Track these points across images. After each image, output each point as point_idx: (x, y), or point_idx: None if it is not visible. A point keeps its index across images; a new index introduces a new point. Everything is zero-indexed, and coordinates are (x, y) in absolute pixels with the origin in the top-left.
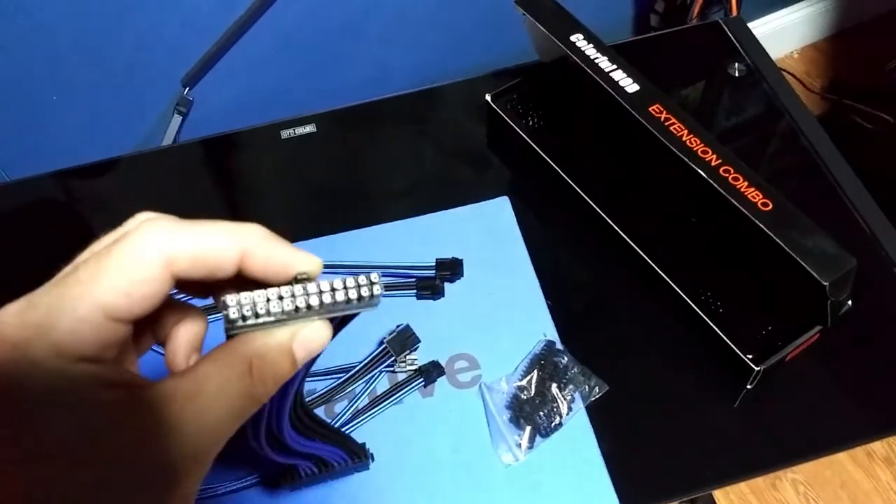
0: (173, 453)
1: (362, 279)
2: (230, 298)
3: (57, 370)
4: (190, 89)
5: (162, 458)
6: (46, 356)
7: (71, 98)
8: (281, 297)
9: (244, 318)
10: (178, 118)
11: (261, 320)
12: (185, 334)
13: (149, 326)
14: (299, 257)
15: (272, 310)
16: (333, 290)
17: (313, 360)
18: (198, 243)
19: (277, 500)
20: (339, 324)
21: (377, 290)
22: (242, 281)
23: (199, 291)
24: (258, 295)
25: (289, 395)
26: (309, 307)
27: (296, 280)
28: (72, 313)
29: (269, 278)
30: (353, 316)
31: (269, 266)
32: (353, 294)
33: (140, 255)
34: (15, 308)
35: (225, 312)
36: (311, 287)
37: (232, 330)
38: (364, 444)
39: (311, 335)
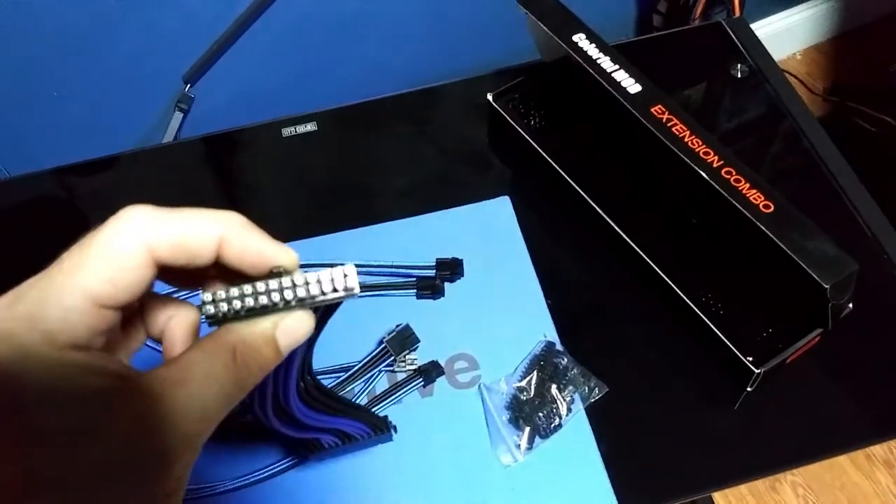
0: (163, 439)
1: (337, 272)
2: (207, 295)
3: (48, 359)
4: (191, 86)
5: (152, 443)
6: (38, 346)
7: (72, 95)
8: (257, 292)
9: (222, 313)
10: (178, 115)
11: (240, 315)
12: (179, 328)
13: (140, 321)
14: (276, 249)
15: (248, 305)
16: (307, 283)
17: (314, 340)
18: (176, 228)
19: (275, 499)
20: (325, 312)
21: (351, 282)
22: (225, 271)
23: (184, 282)
24: (234, 291)
25: (292, 373)
26: (285, 301)
27: (272, 274)
28: (59, 302)
29: (246, 268)
30: (336, 305)
31: (246, 255)
32: (327, 287)
33: (120, 242)
34: (3, 301)
35: (203, 309)
36: (286, 281)
37: (214, 323)
38: (386, 416)
39: (294, 325)
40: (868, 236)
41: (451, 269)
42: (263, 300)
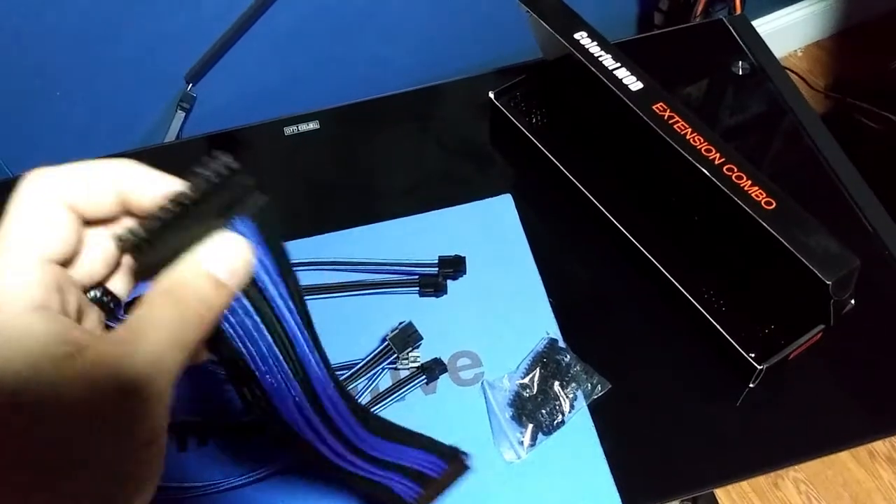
0: (124, 395)
1: (212, 162)
2: (115, 236)
3: (9, 329)
4: (193, 85)
5: (114, 401)
6: None
7: (74, 94)
8: (157, 212)
9: (133, 245)
10: (181, 114)
11: (154, 244)
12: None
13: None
14: (169, 179)
15: (150, 226)
16: (189, 180)
17: (316, 338)
18: (75, 175)
19: (278, 497)
20: (273, 247)
21: (229, 161)
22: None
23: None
24: (135, 220)
25: (328, 393)
26: (183, 207)
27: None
28: (6, 264)
29: (152, 207)
30: (278, 243)
31: (144, 193)
32: (208, 171)
33: (33, 197)
34: None
35: (118, 246)
36: (179, 195)
37: (141, 270)
38: (454, 446)
39: (217, 248)
40: (870, 232)
41: (453, 266)
42: (162, 213)
